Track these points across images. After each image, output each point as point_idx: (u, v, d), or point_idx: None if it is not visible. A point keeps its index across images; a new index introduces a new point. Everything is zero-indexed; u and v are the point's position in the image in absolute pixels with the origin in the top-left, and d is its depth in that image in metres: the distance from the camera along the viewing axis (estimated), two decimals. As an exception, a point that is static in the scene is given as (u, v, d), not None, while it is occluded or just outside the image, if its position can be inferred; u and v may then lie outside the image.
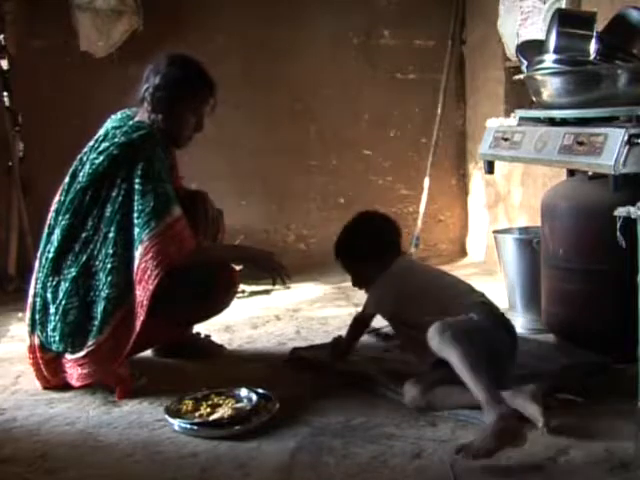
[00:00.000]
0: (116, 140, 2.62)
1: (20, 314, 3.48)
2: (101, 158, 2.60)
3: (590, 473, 1.95)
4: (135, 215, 2.54)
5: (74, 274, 2.57)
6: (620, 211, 2.04)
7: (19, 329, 3.33)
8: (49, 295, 2.61)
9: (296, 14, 4.66)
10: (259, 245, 4.57)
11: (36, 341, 2.64)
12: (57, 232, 2.63)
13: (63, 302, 2.56)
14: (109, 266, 2.54)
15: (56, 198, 2.72)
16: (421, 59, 4.85)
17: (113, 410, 2.47)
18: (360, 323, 2.75)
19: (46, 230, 2.70)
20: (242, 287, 4.06)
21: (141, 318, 2.49)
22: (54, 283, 2.60)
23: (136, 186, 2.54)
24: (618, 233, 2.09)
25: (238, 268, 3.98)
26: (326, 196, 4.86)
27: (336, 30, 4.75)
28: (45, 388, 2.65)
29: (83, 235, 2.60)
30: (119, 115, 2.79)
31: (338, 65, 4.77)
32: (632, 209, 1.99)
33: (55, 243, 2.62)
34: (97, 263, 2.57)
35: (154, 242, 2.51)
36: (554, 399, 2.35)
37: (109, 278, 2.53)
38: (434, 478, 1.96)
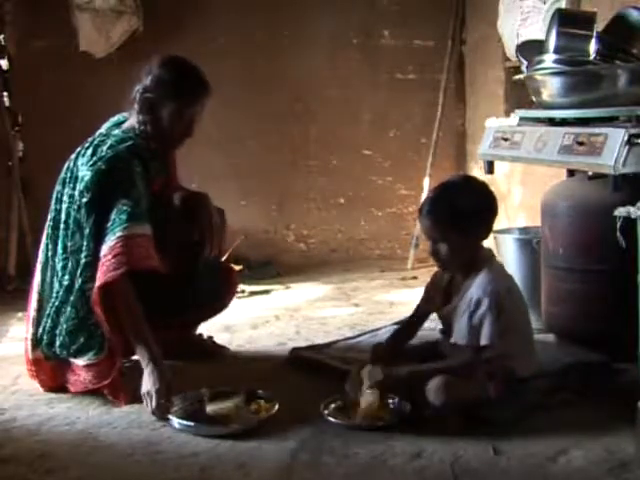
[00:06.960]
0: (103, 155, 2.55)
1: (20, 314, 3.48)
2: (90, 175, 2.54)
3: (590, 473, 1.95)
4: (109, 225, 2.49)
5: (76, 297, 2.53)
6: (620, 211, 2.04)
7: (19, 329, 3.32)
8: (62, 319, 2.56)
9: (296, 14, 4.67)
10: (259, 245, 4.65)
11: (40, 355, 2.63)
12: (73, 260, 2.55)
13: (69, 323, 2.53)
14: None
15: (51, 206, 2.67)
16: (421, 59, 4.85)
17: (113, 410, 2.47)
18: (412, 325, 2.54)
19: (50, 244, 2.63)
20: (242, 287, 4.06)
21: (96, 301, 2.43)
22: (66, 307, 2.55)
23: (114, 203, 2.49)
24: (618, 233, 2.09)
25: (238, 268, 3.99)
26: (326, 196, 4.87)
27: (336, 30, 4.75)
28: (47, 391, 2.65)
29: (82, 257, 2.53)
30: (114, 119, 2.76)
31: (338, 65, 4.77)
32: (632, 209, 1.99)
33: (70, 270, 2.55)
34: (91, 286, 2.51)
35: (119, 242, 2.44)
36: (554, 399, 2.35)
37: None
38: (434, 478, 1.96)
